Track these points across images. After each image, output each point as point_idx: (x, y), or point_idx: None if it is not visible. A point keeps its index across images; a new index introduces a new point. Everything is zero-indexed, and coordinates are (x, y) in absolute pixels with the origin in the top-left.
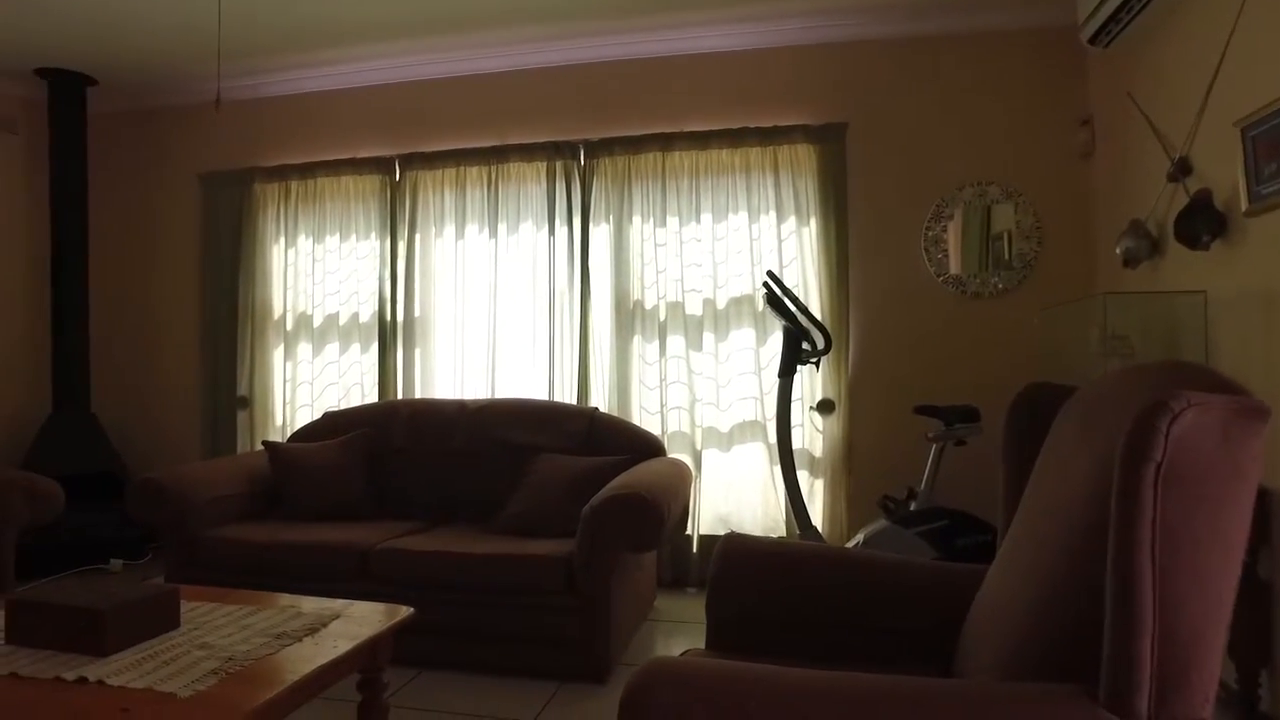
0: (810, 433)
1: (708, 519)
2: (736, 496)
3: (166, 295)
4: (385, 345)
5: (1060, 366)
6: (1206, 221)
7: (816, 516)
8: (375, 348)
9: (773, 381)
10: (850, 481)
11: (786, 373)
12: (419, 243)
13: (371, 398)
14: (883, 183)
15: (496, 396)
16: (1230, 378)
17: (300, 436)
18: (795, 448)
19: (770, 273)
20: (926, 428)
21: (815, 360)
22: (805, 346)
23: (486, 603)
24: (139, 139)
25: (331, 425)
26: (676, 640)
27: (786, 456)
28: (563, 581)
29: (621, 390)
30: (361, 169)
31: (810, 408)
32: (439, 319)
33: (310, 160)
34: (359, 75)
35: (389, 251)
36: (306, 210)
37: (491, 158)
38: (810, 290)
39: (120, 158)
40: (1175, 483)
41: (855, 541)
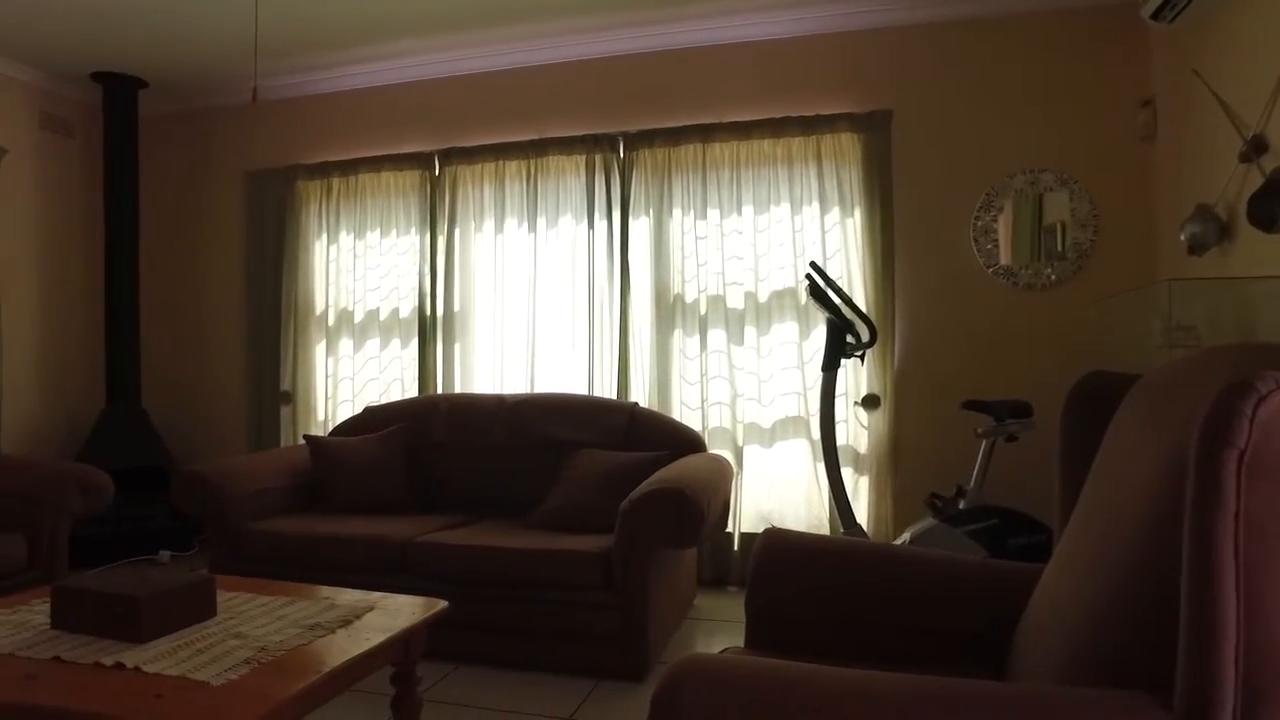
0: (855, 429)
1: (749, 516)
2: (779, 494)
3: (213, 293)
4: (425, 340)
5: (1118, 360)
6: None
7: (861, 515)
8: (415, 343)
9: (816, 376)
10: (896, 479)
11: (830, 366)
12: (458, 237)
13: (411, 392)
14: (930, 171)
15: (535, 391)
16: None
17: (341, 431)
18: (839, 444)
19: (813, 263)
20: (975, 423)
21: (860, 353)
22: (850, 339)
23: (524, 598)
24: (187, 139)
25: (372, 420)
26: (717, 639)
27: (830, 453)
28: (601, 577)
29: (661, 385)
30: (401, 164)
31: (854, 403)
32: (478, 313)
33: (351, 157)
34: (398, 71)
35: (429, 246)
36: (348, 206)
37: (530, 151)
38: (855, 282)
39: (169, 158)
40: (1261, 472)
41: (901, 540)
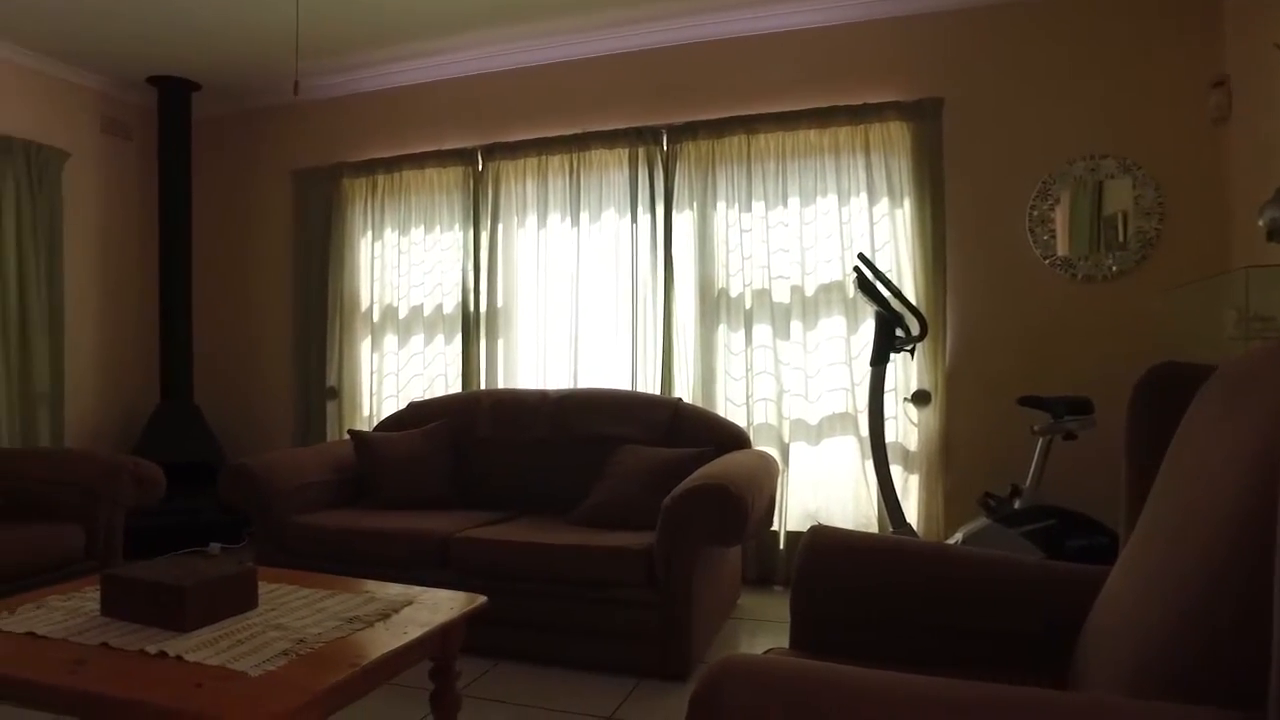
0: (904, 426)
1: (795, 515)
2: (826, 492)
3: (261, 290)
4: (468, 336)
5: (1185, 353)
6: None
7: (911, 514)
8: (459, 338)
9: (864, 372)
10: (947, 478)
11: (879, 361)
12: (501, 233)
13: (455, 388)
14: (983, 159)
15: (579, 386)
16: None
17: (385, 426)
18: (888, 441)
19: (861, 255)
20: (1032, 420)
21: (910, 348)
22: (899, 333)
23: (565, 595)
24: (237, 139)
25: (416, 415)
26: (761, 639)
27: (879, 450)
28: (643, 575)
29: (706, 381)
30: (445, 160)
31: (904, 399)
32: (521, 309)
33: (395, 154)
34: (440, 68)
35: (472, 242)
36: (392, 203)
37: (573, 145)
38: (904, 275)
39: (220, 158)
40: None
41: (954, 540)
